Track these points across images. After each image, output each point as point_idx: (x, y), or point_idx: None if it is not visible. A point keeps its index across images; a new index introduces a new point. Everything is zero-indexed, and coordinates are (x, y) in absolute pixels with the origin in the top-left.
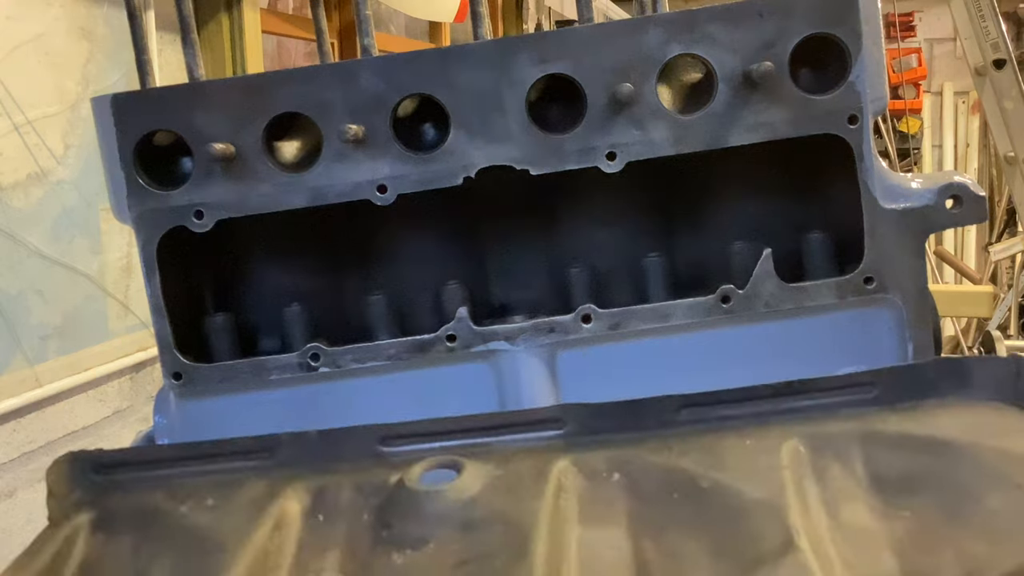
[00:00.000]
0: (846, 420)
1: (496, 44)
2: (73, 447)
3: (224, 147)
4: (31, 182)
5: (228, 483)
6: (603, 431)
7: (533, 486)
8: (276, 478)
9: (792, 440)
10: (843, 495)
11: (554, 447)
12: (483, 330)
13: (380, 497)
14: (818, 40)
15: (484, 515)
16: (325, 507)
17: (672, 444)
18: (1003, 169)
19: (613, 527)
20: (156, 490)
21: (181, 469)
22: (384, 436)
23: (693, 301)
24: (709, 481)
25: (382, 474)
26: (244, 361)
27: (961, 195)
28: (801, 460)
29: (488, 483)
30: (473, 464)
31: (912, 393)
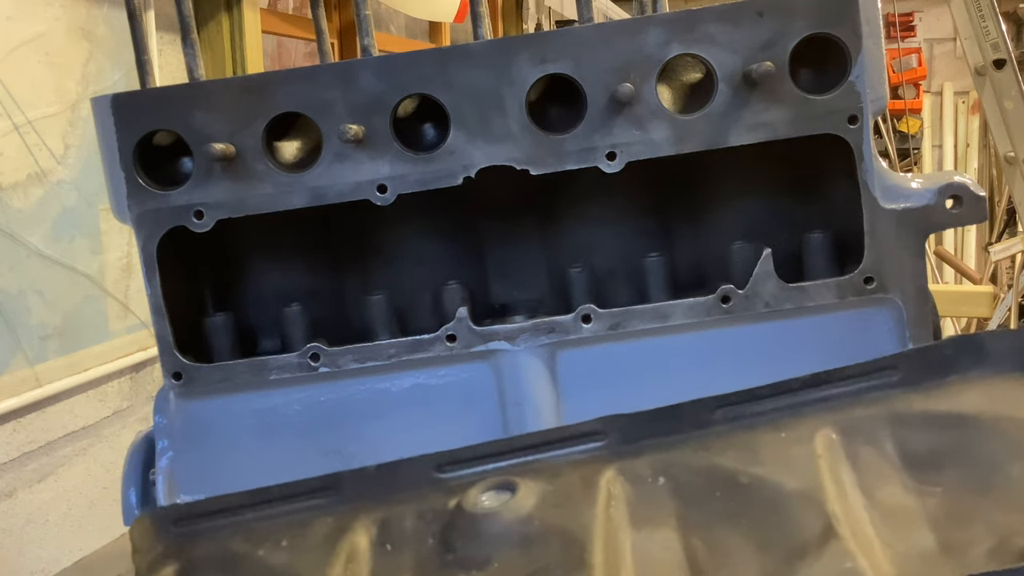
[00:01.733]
0: (873, 404)
1: (496, 44)
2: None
3: (224, 147)
4: (31, 182)
5: (298, 523)
6: (644, 438)
7: (584, 497)
8: (342, 513)
9: (824, 429)
10: (877, 477)
11: (599, 458)
12: (483, 330)
13: (441, 522)
14: (818, 40)
15: (541, 530)
16: (391, 537)
17: (711, 444)
18: (1003, 169)
19: (663, 529)
20: (233, 536)
21: (253, 513)
22: (439, 463)
23: (693, 301)
24: (749, 476)
25: (440, 499)
26: (244, 361)
27: (961, 195)
28: (834, 447)
29: (541, 499)
30: (525, 482)
31: (933, 372)
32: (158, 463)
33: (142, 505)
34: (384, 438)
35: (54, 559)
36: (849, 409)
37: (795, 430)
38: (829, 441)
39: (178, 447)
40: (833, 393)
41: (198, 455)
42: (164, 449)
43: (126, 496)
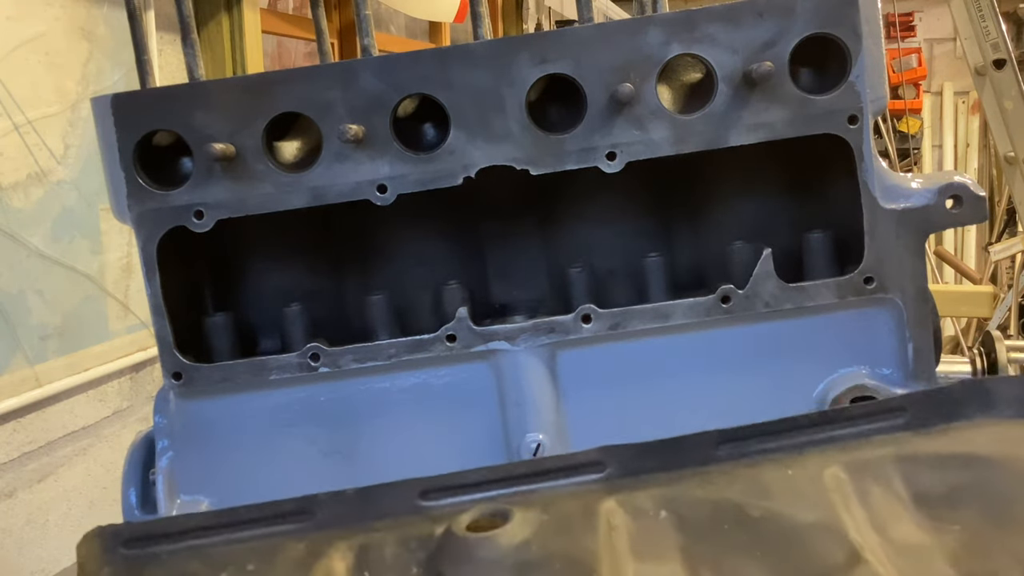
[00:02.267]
0: (880, 445)
1: (496, 44)
2: (73, 447)
3: (224, 147)
4: (31, 182)
5: (267, 548)
6: (644, 471)
7: (584, 526)
8: (316, 539)
9: (832, 467)
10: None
11: (597, 490)
12: (483, 330)
13: (427, 550)
14: (818, 40)
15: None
16: (370, 564)
17: (715, 478)
18: (1003, 169)
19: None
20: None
21: (215, 537)
22: (424, 490)
23: (693, 301)
24: (759, 510)
25: (426, 527)
26: (244, 361)
27: (961, 195)
28: (843, 485)
29: (538, 527)
30: (520, 510)
31: (940, 416)
32: (158, 463)
33: (142, 505)
34: (384, 438)
35: (54, 559)
36: (856, 449)
37: (802, 468)
38: (838, 479)
39: (178, 447)
40: (839, 433)
41: (198, 455)
42: (164, 449)
43: (126, 496)
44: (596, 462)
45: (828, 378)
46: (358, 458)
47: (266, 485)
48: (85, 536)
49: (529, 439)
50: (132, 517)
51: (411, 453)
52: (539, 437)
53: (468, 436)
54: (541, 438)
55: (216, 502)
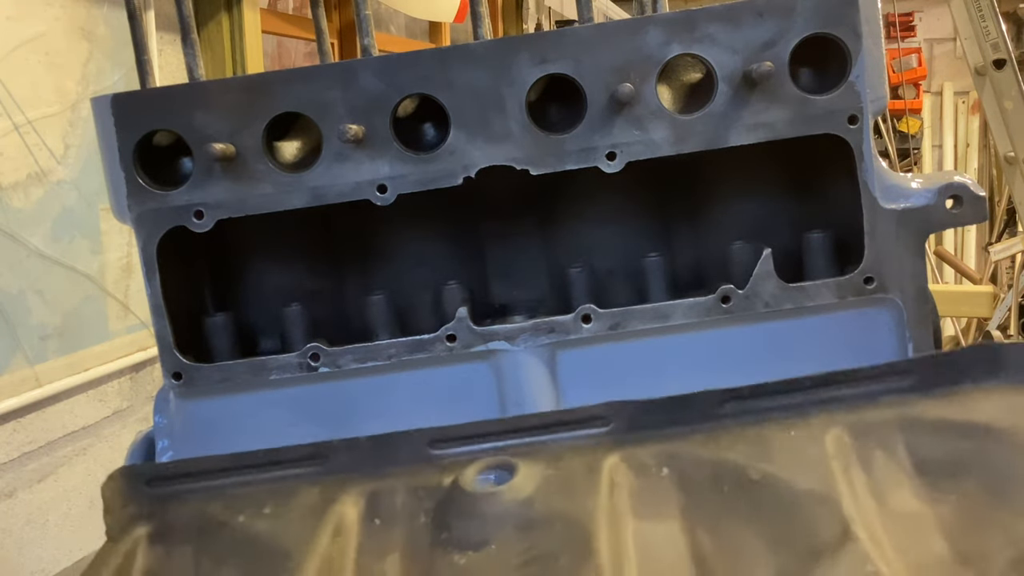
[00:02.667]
0: (885, 408)
1: (496, 44)
2: (73, 447)
3: (224, 147)
4: (31, 182)
5: (283, 491)
6: (649, 427)
7: (586, 483)
8: (329, 484)
9: (835, 429)
10: (889, 482)
11: (603, 444)
12: (483, 330)
13: (435, 499)
14: (818, 40)
15: (542, 514)
16: (381, 511)
17: (718, 437)
18: (1003, 169)
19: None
20: (212, 500)
21: (234, 479)
22: (433, 439)
23: (693, 301)
24: (759, 473)
25: (435, 477)
26: (244, 361)
27: (961, 195)
28: (845, 448)
29: (542, 482)
30: (525, 464)
31: (947, 379)
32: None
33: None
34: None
35: (54, 559)
36: (860, 411)
37: (805, 429)
38: (840, 442)
39: (178, 447)
40: (844, 394)
41: (198, 455)
42: (164, 449)
43: None
44: (602, 416)
45: None
46: None
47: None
48: (110, 476)
49: None
50: None
51: None
52: None
53: None
54: None
55: None
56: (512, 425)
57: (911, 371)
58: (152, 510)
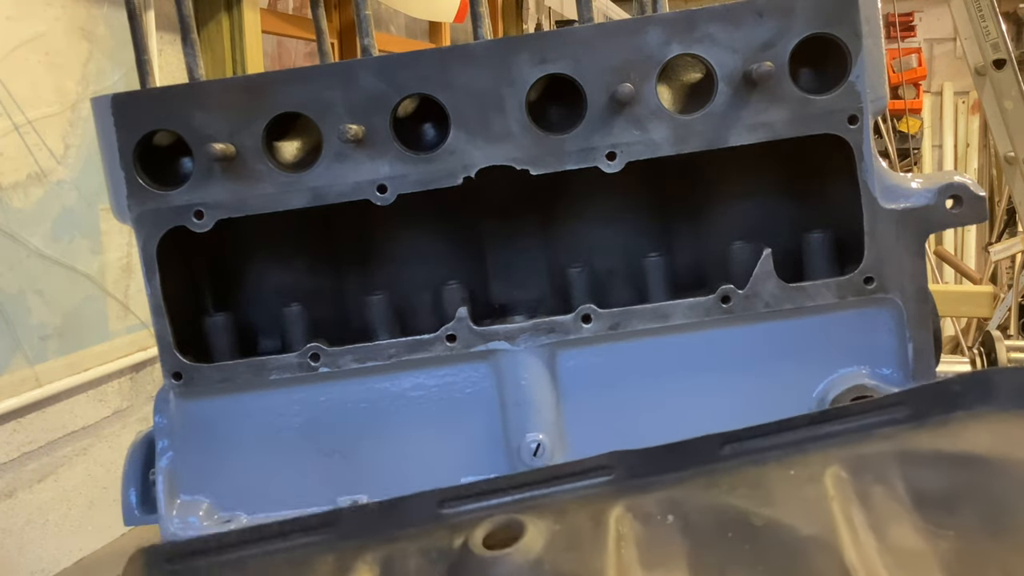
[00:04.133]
0: (881, 441)
1: (496, 44)
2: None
3: (224, 147)
4: (31, 182)
5: (298, 561)
6: (651, 473)
7: (593, 538)
8: (343, 551)
9: (833, 466)
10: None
11: (606, 494)
12: (483, 330)
13: (447, 562)
14: (818, 40)
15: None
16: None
17: (719, 481)
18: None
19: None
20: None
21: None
22: (442, 499)
23: (693, 301)
24: (761, 519)
25: (445, 537)
26: (244, 361)
27: (961, 195)
28: (844, 486)
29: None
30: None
31: (940, 408)
32: (158, 463)
33: (142, 505)
34: (384, 438)
35: (54, 559)
36: (857, 446)
37: (804, 468)
38: (839, 480)
39: (178, 447)
40: (840, 429)
41: (198, 455)
42: (164, 449)
43: (126, 496)
44: (605, 466)
45: (828, 378)
46: (358, 458)
47: (266, 485)
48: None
49: (529, 439)
50: (132, 517)
51: (411, 453)
52: (539, 437)
53: (468, 436)
54: (541, 438)
55: (216, 502)
56: (518, 481)
57: (904, 403)
58: None
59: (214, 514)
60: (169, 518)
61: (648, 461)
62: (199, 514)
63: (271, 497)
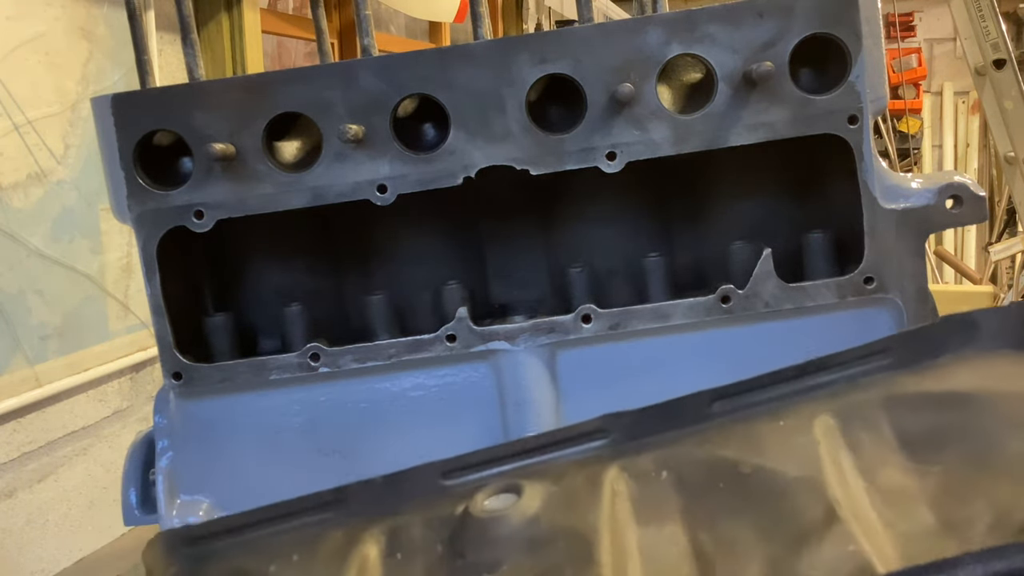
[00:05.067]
0: (868, 388)
1: (496, 44)
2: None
3: (224, 147)
4: (31, 182)
5: (308, 538)
6: (645, 434)
7: (589, 497)
8: (351, 526)
9: (822, 415)
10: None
11: (602, 456)
12: (483, 330)
13: (449, 528)
14: (818, 40)
15: (548, 531)
16: (401, 546)
17: (711, 436)
18: (1003, 169)
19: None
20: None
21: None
22: (445, 470)
23: (693, 301)
24: (750, 467)
25: (447, 506)
26: (244, 361)
27: (961, 195)
28: (833, 433)
29: (547, 500)
30: (530, 484)
31: (926, 353)
32: (158, 463)
33: (142, 505)
34: (384, 438)
35: (54, 559)
36: (845, 394)
37: (793, 418)
38: (827, 427)
39: (178, 447)
40: (828, 379)
41: (198, 455)
42: (164, 449)
43: (126, 496)
44: (599, 430)
45: None
46: (357, 458)
47: (266, 484)
48: (149, 543)
49: None
50: (132, 517)
51: (411, 453)
52: None
53: (468, 436)
54: None
55: (216, 502)
56: (517, 448)
57: (891, 348)
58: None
59: (214, 514)
60: (169, 518)
61: (642, 422)
62: (199, 514)
63: (271, 497)
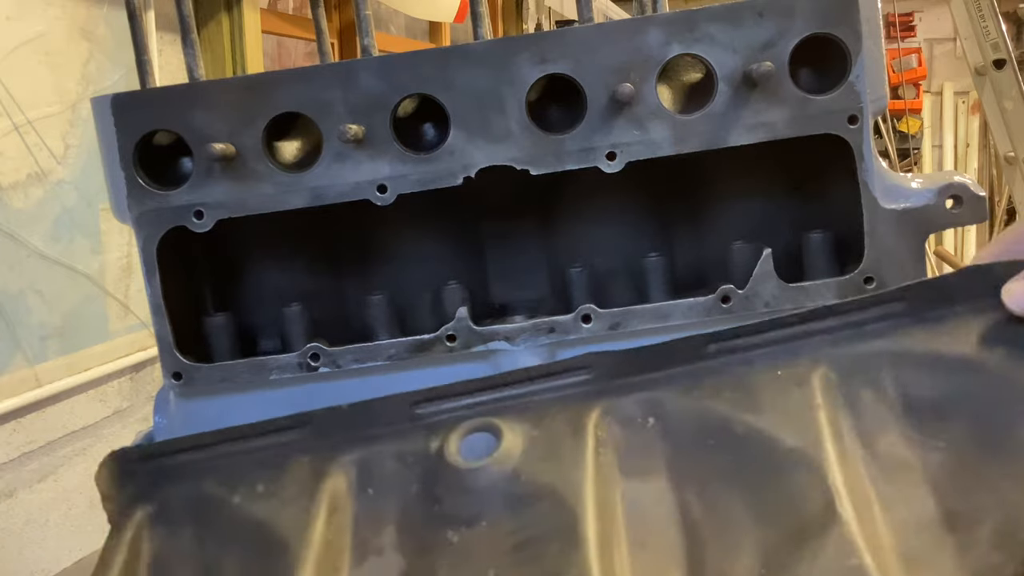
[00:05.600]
0: (875, 339)
1: (496, 44)
2: (73, 447)
3: (224, 147)
4: (31, 182)
5: (272, 463)
6: (631, 374)
7: (572, 446)
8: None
9: (822, 367)
10: (877, 425)
11: (585, 394)
12: (483, 330)
13: (423, 467)
14: (818, 40)
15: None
16: (372, 480)
17: (703, 382)
18: (1003, 169)
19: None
20: (205, 476)
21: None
22: (416, 400)
23: (693, 301)
24: (744, 426)
25: (421, 439)
26: (244, 361)
27: (961, 195)
28: (832, 389)
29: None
30: (509, 425)
31: (940, 304)
32: None
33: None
34: None
35: (54, 559)
36: (849, 344)
37: (792, 368)
38: (827, 382)
39: None
40: (832, 325)
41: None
42: None
43: None
44: (583, 367)
45: None
46: None
47: None
48: (101, 463)
49: None
50: None
51: None
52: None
53: None
54: None
55: None
56: (494, 382)
57: (903, 298)
58: (149, 489)
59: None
60: None
61: (629, 361)
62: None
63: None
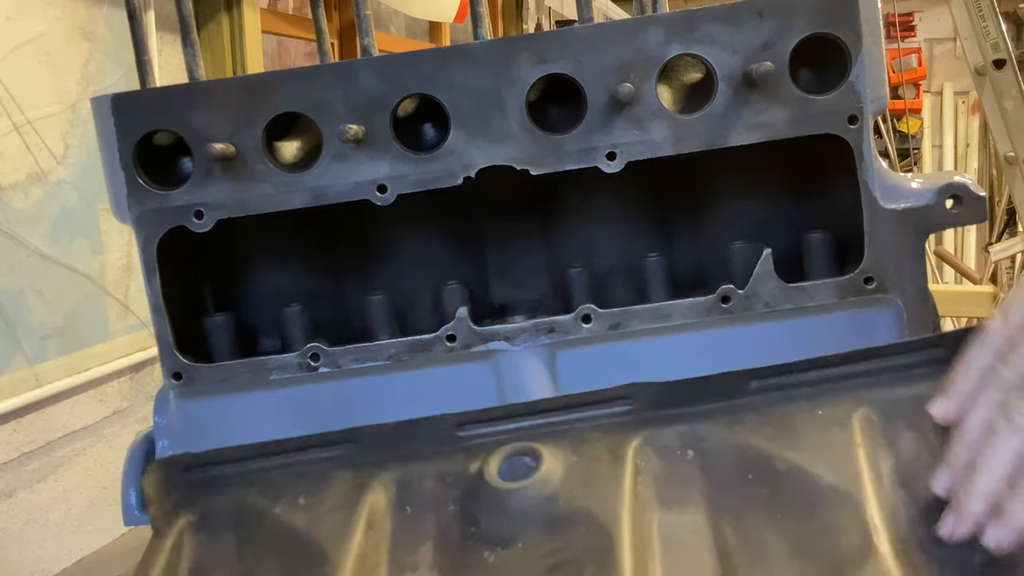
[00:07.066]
0: (915, 383)
1: (496, 44)
2: (73, 447)
3: (224, 147)
4: (31, 182)
5: (314, 476)
6: (673, 406)
7: (610, 473)
8: (359, 467)
9: (863, 408)
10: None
11: (625, 425)
12: (483, 330)
13: (462, 488)
14: (818, 40)
15: (567, 513)
16: (411, 498)
17: (743, 417)
18: (1003, 169)
19: (692, 510)
20: (247, 487)
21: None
22: (460, 422)
23: (693, 301)
24: (784, 463)
25: (462, 461)
26: (244, 361)
27: (961, 195)
28: (873, 430)
29: (566, 472)
30: (550, 451)
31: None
32: None
33: (142, 505)
34: None
35: (54, 559)
36: (889, 388)
37: (833, 408)
38: (868, 422)
39: (178, 447)
40: (873, 368)
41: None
42: (164, 449)
43: (126, 496)
44: (625, 396)
45: None
46: None
47: None
48: (147, 470)
49: None
50: (132, 517)
51: None
52: None
53: None
54: None
55: None
56: (537, 407)
57: (942, 345)
58: (193, 498)
59: None
60: None
61: (671, 393)
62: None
63: None
